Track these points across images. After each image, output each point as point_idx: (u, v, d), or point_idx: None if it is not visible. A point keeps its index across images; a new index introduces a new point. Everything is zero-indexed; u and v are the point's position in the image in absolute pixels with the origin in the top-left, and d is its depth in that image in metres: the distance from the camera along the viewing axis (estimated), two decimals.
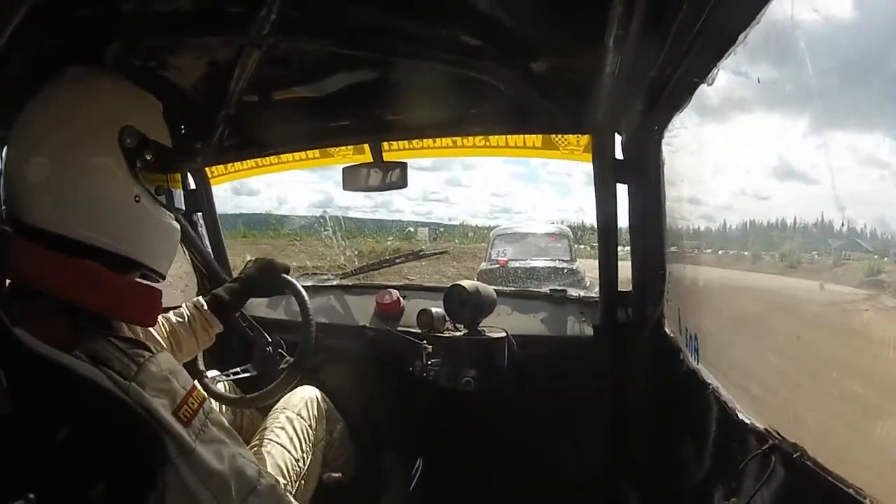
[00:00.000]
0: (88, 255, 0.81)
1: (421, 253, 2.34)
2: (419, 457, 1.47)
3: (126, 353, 0.74)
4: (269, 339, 1.63)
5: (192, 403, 0.78)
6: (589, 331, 1.66)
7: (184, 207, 0.95)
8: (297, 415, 1.42)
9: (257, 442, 1.33)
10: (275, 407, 1.46)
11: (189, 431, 0.76)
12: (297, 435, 1.37)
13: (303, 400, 1.48)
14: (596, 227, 1.52)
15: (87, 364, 0.72)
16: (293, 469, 1.28)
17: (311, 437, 1.41)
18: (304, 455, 1.36)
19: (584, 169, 1.50)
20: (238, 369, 1.54)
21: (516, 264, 7.85)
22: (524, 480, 1.69)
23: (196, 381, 0.87)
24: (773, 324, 0.95)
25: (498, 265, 7.87)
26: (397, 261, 2.31)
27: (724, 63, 0.87)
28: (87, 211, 0.81)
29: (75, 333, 0.76)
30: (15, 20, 0.60)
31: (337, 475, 1.46)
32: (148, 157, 0.86)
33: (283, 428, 1.36)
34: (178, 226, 0.95)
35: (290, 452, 1.31)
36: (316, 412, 1.48)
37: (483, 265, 8.37)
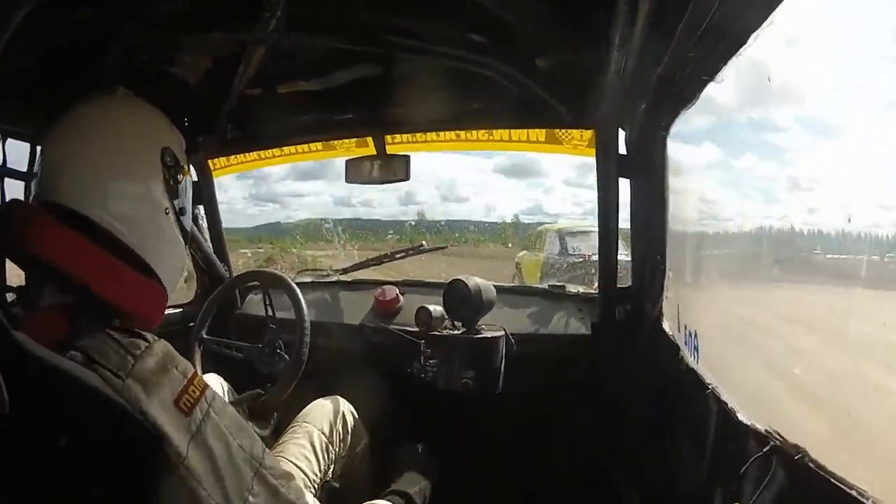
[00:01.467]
0: (114, 251, 0.85)
1: (421, 248, 2.32)
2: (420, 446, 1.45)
3: (122, 345, 0.74)
4: (270, 340, 1.63)
5: (194, 392, 0.78)
6: (587, 328, 1.65)
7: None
8: (319, 430, 1.36)
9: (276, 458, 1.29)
10: (295, 419, 1.42)
11: (190, 423, 0.75)
12: (316, 452, 1.31)
13: (327, 414, 1.42)
14: (597, 221, 1.51)
15: (84, 368, 0.71)
16: (308, 489, 1.22)
17: (332, 455, 1.36)
18: (322, 475, 1.30)
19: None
20: (255, 392, 1.49)
21: (594, 258, 8.53)
22: (522, 479, 1.70)
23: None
24: None
25: (583, 258, 8.34)
26: (397, 256, 2.30)
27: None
28: (125, 208, 0.86)
29: (73, 326, 0.77)
30: (18, 19, 0.60)
31: (335, 484, 1.36)
32: (179, 178, 0.93)
33: (301, 444, 1.31)
34: (185, 247, 1.00)
35: (305, 473, 1.26)
36: (340, 428, 1.42)
37: (559, 259, 8.98)
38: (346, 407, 1.49)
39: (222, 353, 1.67)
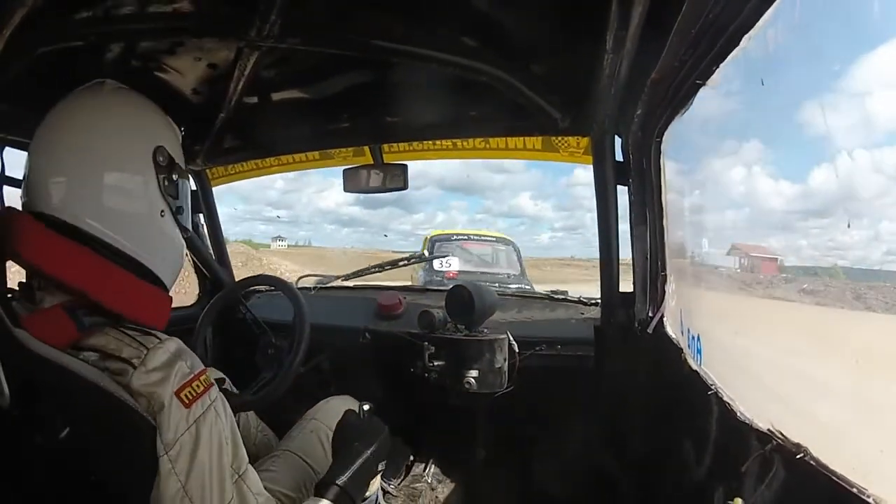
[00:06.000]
0: (109, 256, 0.83)
1: (423, 257, 2.34)
2: (413, 451, 1.44)
3: (136, 339, 0.76)
4: (273, 342, 1.63)
5: (198, 386, 0.79)
6: (590, 332, 1.65)
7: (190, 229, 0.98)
8: (327, 426, 1.34)
9: (278, 453, 1.26)
10: (305, 415, 1.41)
11: (189, 415, 0.76)
12: (322, 447, 1.29)
13: (336, 412, 1.36)
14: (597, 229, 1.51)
15: (89, 365, 0.73)
16: (310, 484, 1.16)
17: None
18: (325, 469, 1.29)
19: None
20: (258, 384, 1.49)
21: (467, 277, 5.93)
22: (525, 479, 1.69)
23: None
24: None
25: (446, 278, 5.61)
26: (400, 263, 2.32)
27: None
28: (117, 213, 0.84)
29: (82, 326, 0.77)
30: (16, 21, 0.61)
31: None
32: (174, 178, 0.90)
33: (308, 439, 1.30)
34: (184, 245, 0.98)
35: (310, 466, 1.24)
36: None
37: (422, 275, 6.41)
38: (355, 406, 1.47)
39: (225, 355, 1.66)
